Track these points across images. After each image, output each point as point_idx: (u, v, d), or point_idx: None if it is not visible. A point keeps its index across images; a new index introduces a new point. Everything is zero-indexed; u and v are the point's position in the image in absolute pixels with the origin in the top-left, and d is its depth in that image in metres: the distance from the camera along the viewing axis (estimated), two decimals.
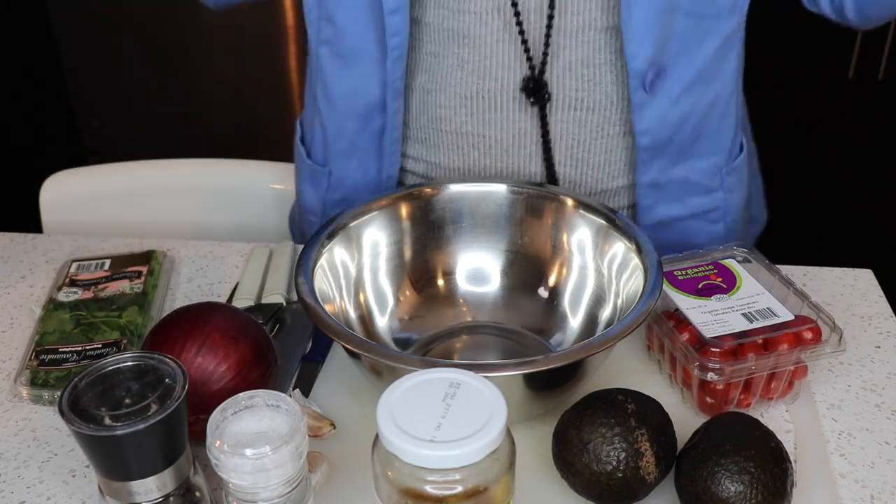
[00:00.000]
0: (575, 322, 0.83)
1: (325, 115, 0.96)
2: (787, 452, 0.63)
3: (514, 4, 0.85)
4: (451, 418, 0.51)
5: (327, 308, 0.72)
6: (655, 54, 0.85)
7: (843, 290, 0.91)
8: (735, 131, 0.96)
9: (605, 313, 0.80)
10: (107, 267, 0.93)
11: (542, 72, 0.87)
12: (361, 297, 0.83)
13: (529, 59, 0.86)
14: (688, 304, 0.76)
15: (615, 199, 0.95)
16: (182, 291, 0.94)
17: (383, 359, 0.67)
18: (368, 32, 0.87)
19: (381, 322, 0.83)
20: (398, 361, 0.67)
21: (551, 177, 0.92)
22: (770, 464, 0.61)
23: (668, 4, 0.83)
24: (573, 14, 0.85)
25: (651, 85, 0.86)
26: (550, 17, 0.84)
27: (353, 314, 0.81)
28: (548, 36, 0.85)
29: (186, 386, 0.59)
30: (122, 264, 0.93)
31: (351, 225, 0.83)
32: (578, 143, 0.90)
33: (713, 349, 0.71)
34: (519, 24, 0.85)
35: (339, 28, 0.89)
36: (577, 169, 0.91)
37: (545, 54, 0.86)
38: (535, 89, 0.87)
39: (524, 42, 0.86)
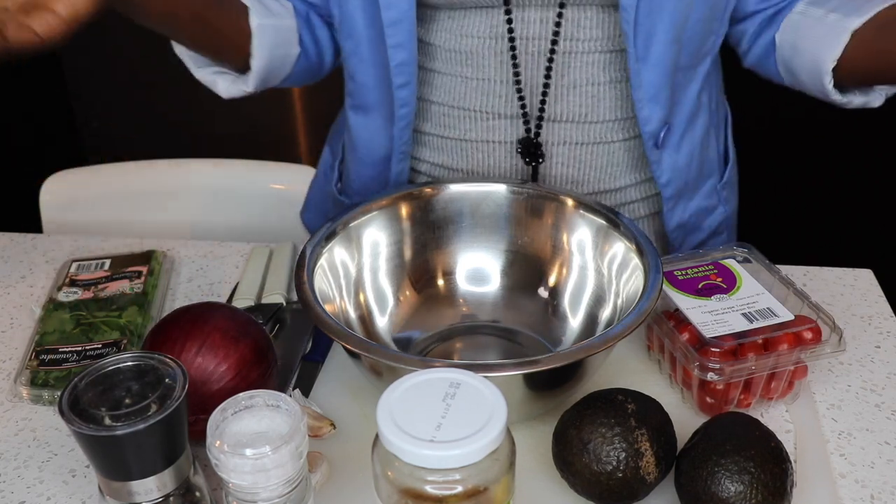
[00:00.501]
0: (575, 322, 0.83)
1: (349, 160, 1.00)
2: (787, 452, 0.63)
3: (515, 65, 0.87)
4: (451, 418, 0.51)
5: (327, 308, 0.72)
6: (666, 114, 0.88)
7: (843, 290, 0.91)
8: (721, 149, 1.00)
9: (605, 313, 0.80)
10: (107, 267, 0.93)
11: (537, 133, 0.90)
12: (361, 297, 0.83)
13: (527, 121, 0.90)
14: (688, 304, 0.76)
15: (618, 196, 0.95)
16: (182, 291, 0.94)
17: (383, 359, 0.67)
18: (383, 93, 0.91)
19: (381, 322, 0.83)
20: (398, 361, 0.67)
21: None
22: (770, 464, 0.61)
23: (672, 65, 0.86)
24: (576, 61, 0.88)
25: (662, 140, 0.90)
26: (549, 67, 0.87)
27: (353, 314, 0.81)
28: (545, 94, 0.88)
29: (186, 386, 0.59)
30: (122, 264, 0.93)
31: (351, 225, 0.83)
32: (582, 147, 0.92)
33: (713, 349, 0.71)
34: (517, 80, 0.88)
35: (357, 84, 0.93)
36: (579, 170, 0.92)
37: (541, 114, 0.89)
38: (530, 150, 0.91)
39: (522, 107, 0.89)
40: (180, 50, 0.87)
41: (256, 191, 1.25)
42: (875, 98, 0.88)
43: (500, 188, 0.87)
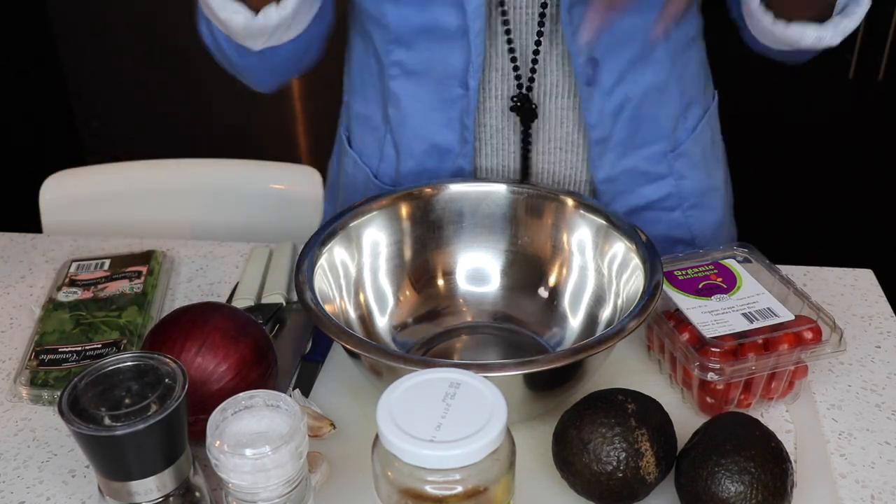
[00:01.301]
0: (575, 322, 0.83)
1: (398, 134, 0.96)
2: (787, 452, 0.63)
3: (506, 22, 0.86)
4: (451, 418, 0.51)
5: (327, 308, 0.72)
6: (597, 52, 0.86)
7: (844, 290, 0.91)
8: (678, 117, 0.96)
9: (605, 313, 0.80)
10: (107, 267, 0.93)
11: (529, 88, 0.88)
12: (361, 297, 0.83)
13: (518, 76, 0.88)
14: (688, 304, 0.76)
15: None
16: (182, 291, 0.94)
17: (383, 359, 0.67)
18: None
19: (381, 322, 0.83)
20: (398, 361, 0.67)
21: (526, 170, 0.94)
22: (770, 464, 0.61)
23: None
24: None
25: (592, 78, 0.87)
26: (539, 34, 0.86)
27: (352, 314, 0.81)
28: (536, 53, 0.87)
29: (186, 386, 0.59)
30: (121, 264, 0.93)
31: (351, 225, 0.83)
32: (570, 98, 0.91)
33: (713, 349, 0.71)
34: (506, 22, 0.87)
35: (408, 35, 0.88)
36: (572, 129, 0.92)
37: (533, 65, 0.88)
38: (524, 106, 0.89)
39: (513, 59, 0.88)
40: None
41: (256, 191, 1.25)
42: (827, 31, 0.81)
43: (500, 188, 0.87)
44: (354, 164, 1.02)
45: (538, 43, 0.87)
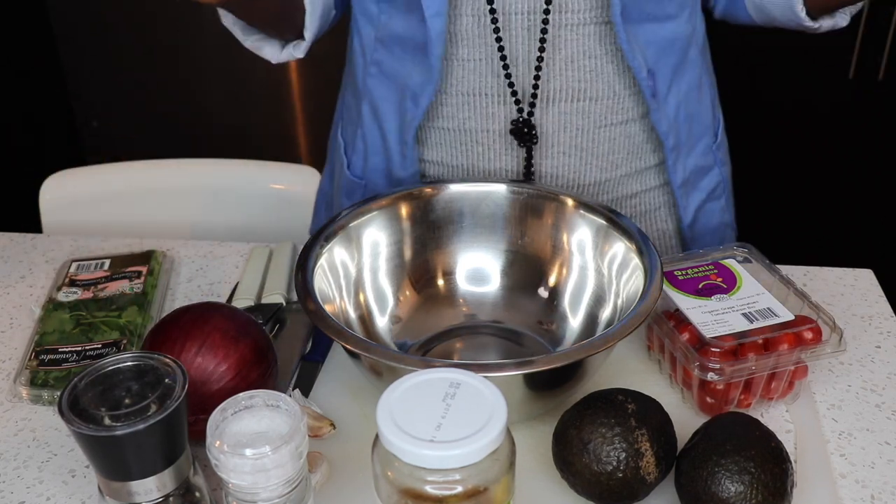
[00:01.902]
0: (575, 322, 0.83)
1: (368, 129, 0.98)
2: (787, 452, 0.63)
3: (495, 22, 0.86)
4: (451, 418, 0.51)
5: (327, 308, 0.72)
6: (650, 61, 0.89)
7: (844, 290, 0.91)
8: (713, 108, 1.01)
9: (606, 313, 0.80)
10: (106, 267, 0.93)
11: (530, 113, 0.89)
12: (361, 297, 0.83)
13: (518, 101, 0.89)
14: (688, 304, 0.76)
15: (618, 189, 0.95)
16: (182, 291, 0.94)
17: (383, 359, 0.67)
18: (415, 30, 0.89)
19: (381, 322, 0.83)
20: (398, 361, 0.67)
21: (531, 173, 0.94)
22: (770, 464, 0.61)
23: (659, 14, 0.87)
24: (574, 12, 0.86)
25: (656, 91, 0.90)
26: (542, 41, 0.86)
27: (352, 314, 0.81)
28: (539, 60, 0.87)
29: (186, 386, 0.59)
30: (121, 264, 0.93)
31: (351, 225, 0.83)
32: (582, 133, 0.91)
33: (713, 349, 0.71)
34: (501, 48, 0.87)
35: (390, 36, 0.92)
36: (581, 159, 0.92)
37: (535, 92, 0.88)
38: (523, 131, 0.90)
39: (511, 86, 0.88)
40: (229, 21, 0.90)
41: (256, 191, 1.25)
42: (840, 19, 0.91)
43: (501, 188, 0.87)
44: (337, 150, 1.06)
45: (540, 59, 0.87)
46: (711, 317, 0.74)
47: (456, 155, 0.94)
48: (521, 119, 0.89)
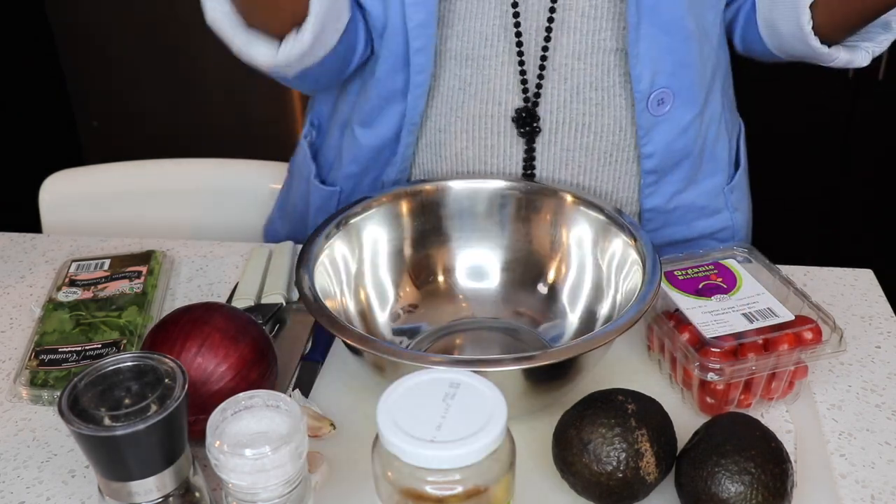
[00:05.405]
0: (574, 317, 0.83)
1: (346, 142, 0.96)
2: (787, 453, 0.63)
3: (517, 25, 0.84)
4: (451, 418, 0.51)
5: (328, 304, 0.72)
6: (660, 77, 0.85)
7: (844, 290, 0.91)
8: (730, 149, 0.97)
9: (604, 309, 0.80)
10: (106, 267, 0.93)
11: (535, 103, 0.87)
12: (362, 294, 0.83)
13: (525, 87, 0.86)
14: (688, 304, 0.76)
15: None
16: (182, 291, 0.94)
17: (382, 353, 0.67)
18: (397, 70, 0.87)
19: (382, 318, 0.83)
20: (397, 356, 0.67)
21: None
22: (770, 464, 0.61)
23: (675, 27, 0.83)
24: (582, 34, 0.85)
25: (657, 108, 0.86)
26: (547, 39, 0.84)
27: (353, 310, 0.81)
28: (543, 59, 0.85)
29: (186, 386, 0.59)
30: (121, 264, 0.93)
31: (352, 221, 0.83)
32: (585, 171, 0.90)
33: (713, 349, 0.71)
34: (519, 43, 0.85)
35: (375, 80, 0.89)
36: (581, 154, 0.90)
37: (539, 83, 0.86)
38: (527, 120, 0.87)
39: (521, 63, 0.86)
40: (219, 20, 0.83)
41: (256, 191, 1.25)
42: (859, 56, 0.87)
43: (500, 185, 0.87)
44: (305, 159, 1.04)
45: (543, 59, 0.86)
46: (711, 317, 0.74)
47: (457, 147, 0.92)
48: (526, 108, 0.87)
